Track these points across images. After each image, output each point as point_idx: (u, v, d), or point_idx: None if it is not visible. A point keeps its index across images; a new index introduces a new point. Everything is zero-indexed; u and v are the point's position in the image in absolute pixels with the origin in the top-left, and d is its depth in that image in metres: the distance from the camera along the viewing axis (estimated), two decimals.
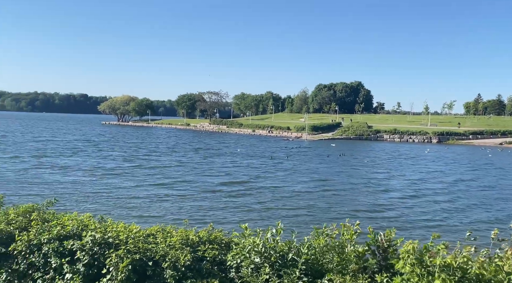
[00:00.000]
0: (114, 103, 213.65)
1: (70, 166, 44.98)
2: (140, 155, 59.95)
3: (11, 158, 50.03)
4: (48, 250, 6.46)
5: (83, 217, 7.31)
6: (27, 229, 6.98)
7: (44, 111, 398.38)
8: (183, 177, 39.82)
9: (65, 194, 29.02)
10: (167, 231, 6.76)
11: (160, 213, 25.33)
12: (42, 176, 37.52)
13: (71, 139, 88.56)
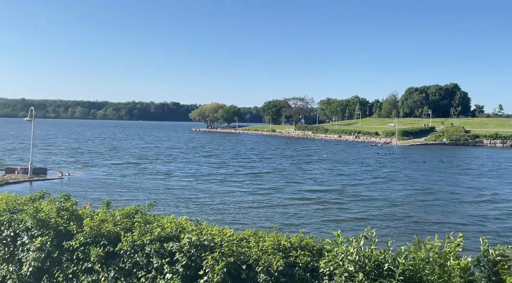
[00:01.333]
0: (204, 110, 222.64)
1: (167, 171, 47.57)
2: (233, 162, 61.42)
3: (117, 164, 53.88)
4: (150, 250, 6.89)
5: (181, 219, 7.70)
6: (131, 230, 7.50)
7: (141, 119, 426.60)
8: (274, 184, 40.22)
9: (163, 197, 30.88)
10: (259, 235, 6.89)
11: (251, 218, 25.85)
12: (141, 180, 40.14)
13: (168, 145, 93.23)
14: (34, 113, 42.57)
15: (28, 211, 8.09)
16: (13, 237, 7.98)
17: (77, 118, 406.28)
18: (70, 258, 7.44)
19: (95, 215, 8.16)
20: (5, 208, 8.43)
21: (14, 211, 8.38)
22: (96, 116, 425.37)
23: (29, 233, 7.83)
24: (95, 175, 42.83)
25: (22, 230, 7.91)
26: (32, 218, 7.88)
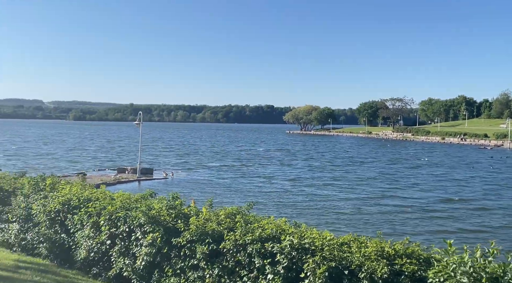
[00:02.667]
0: (297, 113, 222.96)
1: (264, 174, 48.20)
2: (331, 165, 59.85)
3: (217, 166, 55.58)
4: (252, 250, 7.05)
5: (280, 221, 7.77)
6: (233, 230, 7.74)
7: (236, 121, 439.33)
8: (375, 189, 38.72)
9: (260, 199, 31.44)
10: (360, 241, 6.71)
11: (350, 223, 25.29)
12: (240, 182, 41.28)
13: (265, 148, 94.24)
14: (141, 117, 45.97)
15: (141, 208, 8.74)
16: (128, 233, 8.66)
17: (178, 121, 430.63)
18: (178, 254, 7.89)
19: (200, 213, 8.56)
20: (121, 205, 9.18)
21: (128, 208, 9.11)
22: (195, 119, 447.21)
23: (142, 229, 8.44)
24: (196, 176, 45.00)
25: (136, 226, 8.55)
26: (145, 215, 8.49)
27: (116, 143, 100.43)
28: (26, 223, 10.43)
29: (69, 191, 10.29)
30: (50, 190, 10.75)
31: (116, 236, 8.80)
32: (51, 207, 9.95)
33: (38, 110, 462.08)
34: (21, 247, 10.20)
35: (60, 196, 10.14)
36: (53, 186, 10.97)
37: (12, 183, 11.70)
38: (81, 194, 10.15)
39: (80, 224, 9.44)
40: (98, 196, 10.05)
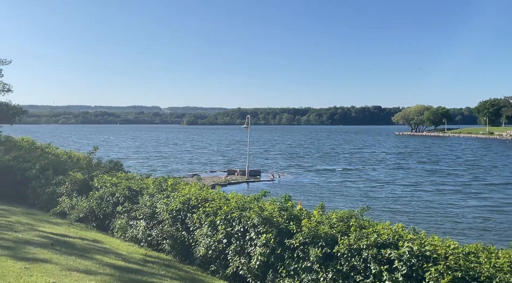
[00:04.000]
0: (408, 113, 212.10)
1: (374, 177, 46.47)
2: (452, 169, 54.79)
3: (325, 169, 54.91)
4: (367, 255, 6.87)
5: (396, 227, 7.46)
6: (347, 234, 7.61)
7: (341, 123, 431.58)
8: (507, 195, 35.31)
9: (370, 204, 30.47)
10: (490, 251, 6.18)
11: (476, 232, 23.30)
12: (348, 186, 40.40)
13: (376, 150, 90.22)
14: (249, 120, 47.44)
15: (255, 209, 9.01)
16: (243, 232, 8.98)
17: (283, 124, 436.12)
18: (291, 255, 7.98)
19: (312, 216, 8.57)
20: (235, 206, 9.56)
21: (243, 209, 9.44)
22: (300, 121, 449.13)
23: (256, 230, 8.69)
24: (302, 179, 45.11)
25: (250, 226, 8.84)
26: (258, 216, 8.73)
27: (225, 145, 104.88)
28: (151, 221, 11.34)
29: (188, 191, 10.98)
30: (171, 190, 11.58)
31: (231, 235, 9.17)
32: (172, 206, 10.70)
33: (156, 116, 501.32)
34: (147, 242, 11.11)
35: (180, 196, 10.87)
36: (174, 186, 11.80)
37: (139, 184, 12.80)
38: (199, 194, 10.76)
39: (198, 222, 10.01)
40: (214, 196, 10.58)
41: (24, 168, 15.68)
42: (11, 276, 6.77)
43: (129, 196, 12.38)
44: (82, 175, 14.23)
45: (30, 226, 10.98)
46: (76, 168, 15.09)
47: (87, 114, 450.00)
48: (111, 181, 13.26)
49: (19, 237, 9.52)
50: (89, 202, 12.98)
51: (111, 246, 10.43)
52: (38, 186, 15.04)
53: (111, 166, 16.26)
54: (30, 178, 15.36)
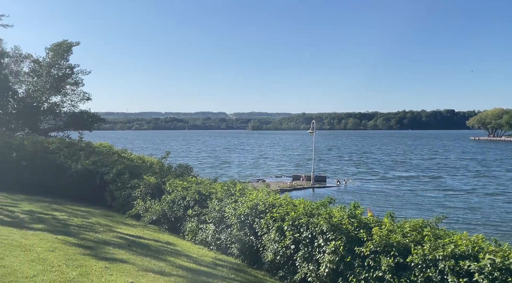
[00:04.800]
0: (484, 117, 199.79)
1: (448, 186, 43.73)
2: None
3: (395, 177, 52.56)
4: (444, 267, 6.56)
5: (476, 237, 7.06)
6: (421, 243, 7.31)
7: (411, 128, 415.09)
8: None
9: (442, 213, 28.99)
10: None
11: None
12: (418, 194, 38.58)
13: (451, 156, 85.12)
14: (314, 125, 47.07)
15: (323, 216, 8.91)
16: (311, 239, 8.91)
17: (349, 129, 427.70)
18: (362, 264, 7.79)
19: (383, 224, 8.33)
20: (303, 212, 9.52)
21: (310, 215, 9.38)
22: (366, 126, 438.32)
23: (324, 237, 8.59)
24: (370, 185, 43.88)
25: (318, 233, 8.75)
26: (326, 223, 8.63)
27: (290, 151, 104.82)
28: (220, 225, 11.59)
29: (256, 197, 11.09)
30: (239, 195, 11.76)
31: (299, 241, 9.13)
32: (241, 211, 10.86)
33: (222, 122, 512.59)
34: (216, 246, 11.37)
35: (248, 201, 11.01)
36: (242, 191, 11.98)
37: (208, 188, 13.13)
38: (266, 199, 10.84)
39: (266, 228, 10.08)
40: (281, 202, 10.61)
41: (102, 172, 16.65)
42: (94, 275, 7.22)
43: (199, 200, 12.73)
44: (155, 179, 14.86)
45: (108, 227, 11.64)
46: (150, 172, 15.80)
47: (158, 120, 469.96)
48: (182, 185, 13.72)
49: (99, 238, 10.12)
50: (161, 205, 13.53)
51: (183, 248, 10.79)
52: (115, 189, 15.91)
53: (182, 170, 16.86)
54: (108, 181, 16.28)
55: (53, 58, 29.05)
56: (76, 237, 9.70)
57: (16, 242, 8.37)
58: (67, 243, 9.03)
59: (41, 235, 9.36)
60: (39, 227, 10.21)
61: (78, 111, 30.60)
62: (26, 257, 7.56)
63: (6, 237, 8.62)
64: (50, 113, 29.95)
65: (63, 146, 19.20)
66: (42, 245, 8.43)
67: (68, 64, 29.54)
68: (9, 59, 29.67)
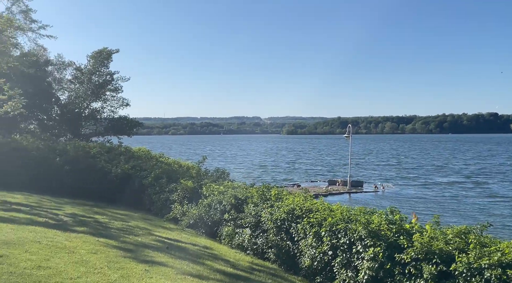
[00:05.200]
0: None
1: (494, 192, 42.08)
2: None
3: (436, 182, 50.66)
4: (490, 276, 6.32)
5: None
6: (465, 251, 7.06)
7: (451, 132, 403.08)
8: None
9: (485, 221, 27.86)
10: None
11: None
12: (461, 200, 37.15)
13: (498, 161, 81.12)
14: (350, 129, 46.41)
15: (361, 221, 8.76)
16: (349, 245, 8.78)
17: (386, 133, 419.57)
18: (402, 271, 7.59)
19: (424, 231, 8.11)
20: (340, 217, 9.39)
21: (348, 221, 9.24)
22: (404, 130, 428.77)
23: (363, 243, 8.44)
24: (410, 191, 42.74)
25: (356, 239, 8.61)
26: (365, 229, 8.48)
27: (326, 155, 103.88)
28: (256, 229, 11.60)
29: (292, 201, 11.04)
30: (275, 199, 11.74)
31: (337, 247, 9.01)
32: (277, 216, 10.83)
33: (257, 126, 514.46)
34: (253, 250, 11.37)
35: (284, 205, 10.97)
36: (278, 196, 11.95)
37: (244, 192, 13.18)
38: (303, 204, 10.77)
39: (303, 233, 10.01)
40: (318, 207, 10.52)
41: (141, 176, 17.02)
42: (134, 277, 7.37)
43: (235, 204, 12.79)
44: (192, 183, 15.04)
45: (147, 231, 11.87)
46: (187, 177, 16.02)
47: (193, 125, 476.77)
48: (218, 189, 13.82)
49: (138, 241, 10.33)
50: (198, 209, 13.68)
51: (220, 252, 10.86)
52: (153, 193, 16.22)
53: (218, 175, 16.99)
54: (146, 185, 16.62)
55: (94, 66, 30.03)
56: (116, 240, 9.94)
57: (61, 244, 8.66)
58: (108, 245, 9.27)
59: (84, 237, 9.65)
60: (82, 229, 10.53)
61: (118, 117, 31.45)
62: (70, 259, 7.81)
63: (51, 239, 8.94)
64: (91, 119, 30.94)
65: (103, 151, 19.76)
66: (85, 247, 8.69)
67: (108, 71, 30.46)
68: (52, 67, 30.94)
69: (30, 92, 23.59)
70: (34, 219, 10.78)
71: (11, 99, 15.97)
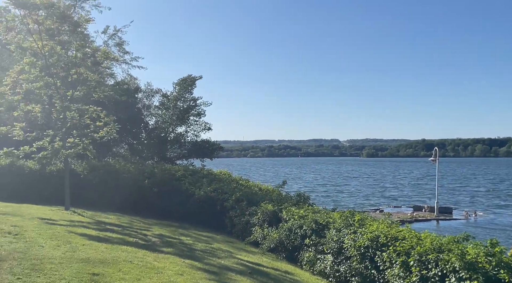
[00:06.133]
0: None
1: None
2: None
3: None
4: None
5: None
6: None
7: None
8: None
9: None
10: None
11: None
12: None
13: None
14: (436, 152, 43.98)
15: (455, 252, 8.16)
16: (441, 277, 8.19)
17: (476, 156, 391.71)
18: None
19: None
20: (430, 247, 8.82)
21: (439, 251, 8.65)
22: (498, 153, 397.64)
23: (457, 275, 7.85)
24: (506, 219, 39.31)
25: (450, 271, 8.02)
26: (459, 260, 7.89)
27: (410, 179, 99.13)
28: (338, 256, 11.27)
29: (377, 228, 10.60)
30: (358, 225, 11.36)
31: (427, 278, 8.48)
32: (360, 243, 10.46)
33: (335, 149, 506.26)
34: (335, 278, 11.04)
35: (368, 232, 10.57)
36: (361, 222, 11.56)
37: (325, 217, 12.93)
38: (388, 231, 10.30)
39: (389, 262, 9.54)
40: (404, 234, 9.99)
41: (222, 199, 17.40)
42: None
43: (316, 229, 12.57)
44: (272, 206, 15.08)
45: (229, 253, 12.03)
46: (267, 200, 16.10)
47: (271, 147, 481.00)
48: (298, 213, 13.71)
49: (221, 263, 10.49)
50: (279, 233, 13.64)
51: (301, 278, 10.68)
52: (234, 215, 16.48)
53: (298, 198, 16.89)
54: (228, 208, 16.93)
55: (179, 92, 31.67)
56: (201, 262, 10.17)
57: (150, 265, 9.04)
58: (193, 267, 9.50)
59: (171, 258, 9.99)
60: (169, 250, 10.93)
61: (200, 140, 32.68)
62: (159, 279, 8.10)
63: (141, 259, 9.37)
64: (175, 143, 32.48)
65: (187, 174, 20.53)
66: (172, 269, 8.98)
67: (192, 97, 31.95)
68: (142, 94, 33.14)
69: (122, 118, 25.32)
70: (125, 239, 11.39)
71: (106, 125, 17.26)
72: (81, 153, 17.31)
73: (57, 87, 16.32)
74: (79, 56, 16.52)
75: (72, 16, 17.60)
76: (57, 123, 16.76)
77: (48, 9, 15.53)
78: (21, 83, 15.94)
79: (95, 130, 17.12)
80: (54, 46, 16.08)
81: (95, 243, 10.13)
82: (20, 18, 16.19)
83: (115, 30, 29.83)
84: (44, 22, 15.71)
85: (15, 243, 9.09)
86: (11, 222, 11.41)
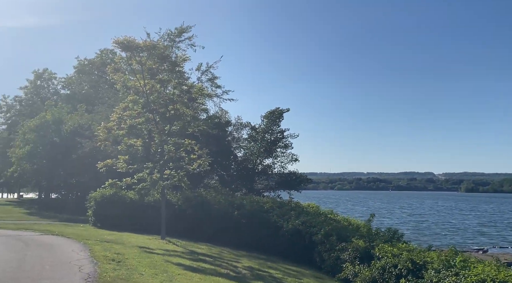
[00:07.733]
0: None
1: None
2: None
3: None
4: None
5: None
6: None
7: None
8: None
9: None
10: None
11: None
12: None
13: None
14: None
15: None
16: None
17: None
18: None
19: None
20: None
21: None
22: None
23: None
24: None
25: None
26: None
27: None
28: None
29: (482, 271, 9.73)
30: (461, 267, 10.50)
31: None
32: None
33: (429, 182, 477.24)
34: None
35: (472, 275, 9.73)
36: (464, 263, 10.68)
37: (421, 256, 12.14)
38: (496, 275, 9.40)
39: None
40: None
41: (311, 232, 17.12)
42: None
43: (412, 269, 11.84)
44: (363, 243, 14.53)
45: None
46: (357, 235, 15.56)
47: (360, 180, 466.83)
48: (392, 251, 13.06)
49: None
50: (371, 271, 13.05)
51: None
52: (323, 250, 16.10)
53: (391, 235, 16.12)
54: (316, 242, 16.61)
55: (267, 125, 32.27)
56: None
57: None
58: None
59: None
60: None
61: (287, 172, 32.74)
62: None
63: None
64: (263, 174, 32.88)
65: (275, 206, 20.58)
66: None
67: (279, 129, 32.35)
68: (232, 127, 34.30)
69: (213, 150, 26.32)
70: (217, 270, 11.60)
71: (199, 158, 18.03)
72: (176, 184, 18.19)
73: (156, 122, 17.51)
74: (176, 93, 17.65)
75: (171, 56, 18.96)
76: (156, 156, 17.85)
77: (150, 51, 16.91)
78: (125, 119, 17.34)
79: (189, 162, 17.94)
80: (155, 84, 17.37)
81: (189, 273, 10.44)
82: (125, 59, 17.76)
83: (208, 66, 31.52)
84: (146, 62, 17.10)
85: (118, 270, 9.67)
86: (114, 249, 12.21)
